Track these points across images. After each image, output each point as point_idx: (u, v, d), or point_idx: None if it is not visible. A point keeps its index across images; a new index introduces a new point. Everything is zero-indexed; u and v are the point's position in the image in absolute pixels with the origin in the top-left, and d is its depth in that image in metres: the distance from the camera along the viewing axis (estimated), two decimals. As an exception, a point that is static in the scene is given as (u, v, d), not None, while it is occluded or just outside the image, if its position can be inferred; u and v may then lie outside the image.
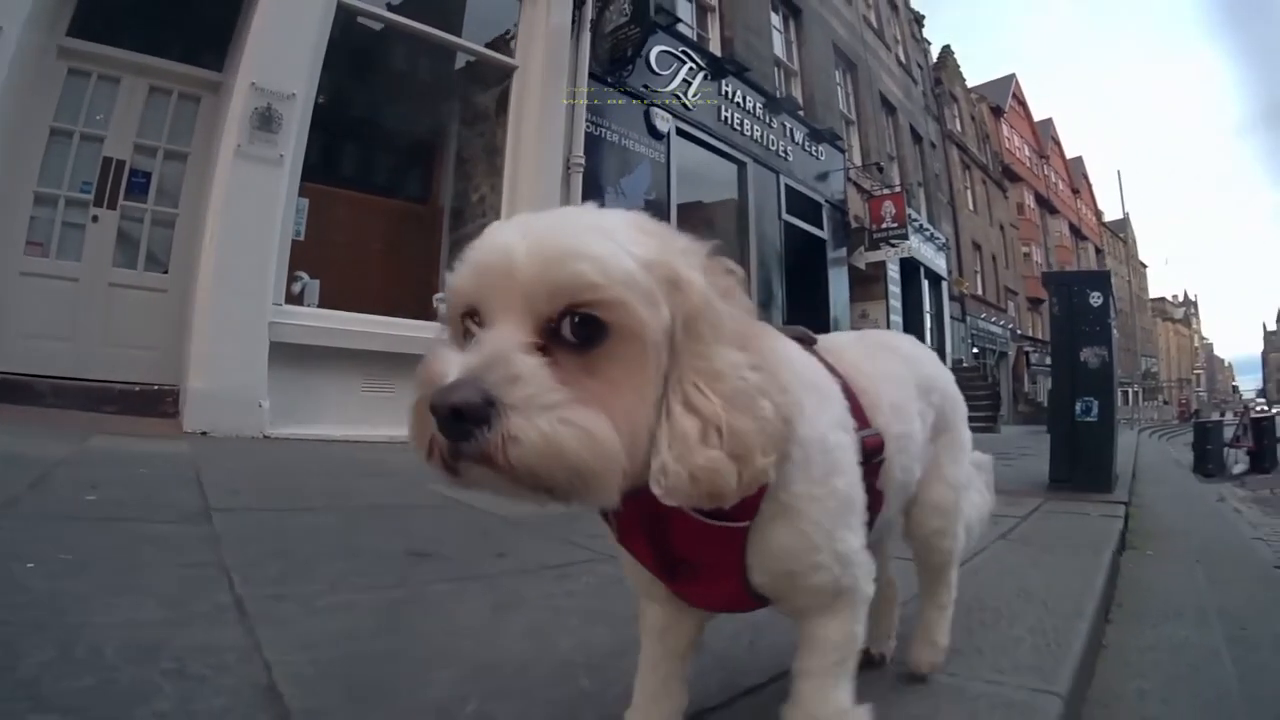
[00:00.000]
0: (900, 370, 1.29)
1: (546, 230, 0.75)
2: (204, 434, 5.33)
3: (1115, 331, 5.65)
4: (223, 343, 5.60)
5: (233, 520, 2.68)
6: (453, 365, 0.69)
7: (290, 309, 6.17)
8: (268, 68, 5.96)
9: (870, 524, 1.09)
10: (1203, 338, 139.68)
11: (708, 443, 0.73)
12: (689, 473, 0.73)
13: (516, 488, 0.70)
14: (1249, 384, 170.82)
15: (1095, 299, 5.38)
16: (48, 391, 5.50)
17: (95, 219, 6.16)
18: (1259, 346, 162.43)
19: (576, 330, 0.71)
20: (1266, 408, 64.12)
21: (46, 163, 5.90)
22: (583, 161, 8.14)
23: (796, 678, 0.97)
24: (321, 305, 6.51)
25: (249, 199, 5.82)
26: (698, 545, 0.90)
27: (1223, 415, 21.66)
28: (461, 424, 0.66)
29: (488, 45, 8.25)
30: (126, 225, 6.34)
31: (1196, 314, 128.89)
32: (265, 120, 5.85)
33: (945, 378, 1.46)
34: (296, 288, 6.41)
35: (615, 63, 8.85)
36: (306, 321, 6.12)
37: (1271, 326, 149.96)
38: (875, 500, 1.09)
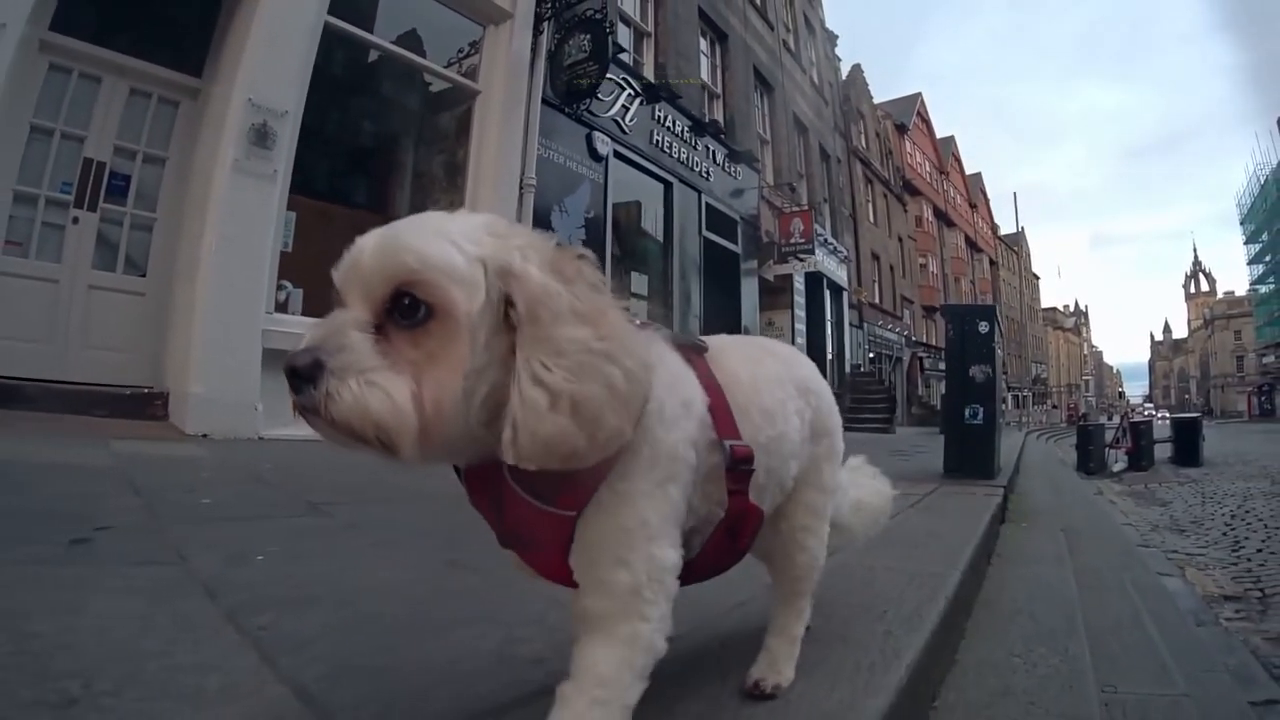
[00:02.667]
0: (778, 371, 1.35)
1: (391, 232, 0.86)
2: (204, 436, 5.54)
3: (999, 351, 6.66)
4: (220, 349, 5.80)
5: (349, 512, 3.06)
6: (306, 337, 0.82)
7: (279, 317, 6.37)
8: (263, 85, 6.17)
9: (746, 537, 1.21)
10: (1092, 346, 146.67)
11: (557, 410, 0.81)
12: (541, 439, 0.81)
13: (338, 436, 0.81)
14: (1136, 390, 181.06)
15: (983, 327, 6.39)
16: (37, 395, 5.55)
17: (75, 220, 6.17)
18: (1147, 355, 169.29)
19: (405, 311, 0.82)
20: (1155, 412, 68.47)
21: (26, 160, 5.87)
22: (534, 182, 8.65)
23: (557, 704, 0.92)
24: (305, 313, 6.68)
25: (245, 212, 6.04)
26: (526, 524, 0.97)
27: (1109, 419, 23.05)
28: (298, 381, 0.80)
29: (446, 66, 8.59)
30: (105, 228, 6.35)
31: (1087, 323, 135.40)
32: (261, 136, 6.08)
33: (822, 385, 1.51)
34: (282, 296, 6.62)
35: (571, 94, 9.32)
36: (294, 329, 5.84)
37: (1159, 337, 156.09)
38: (750, 512, 1.18)
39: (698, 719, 1.21)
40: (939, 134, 48.10)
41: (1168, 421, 17.60)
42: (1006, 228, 64.74)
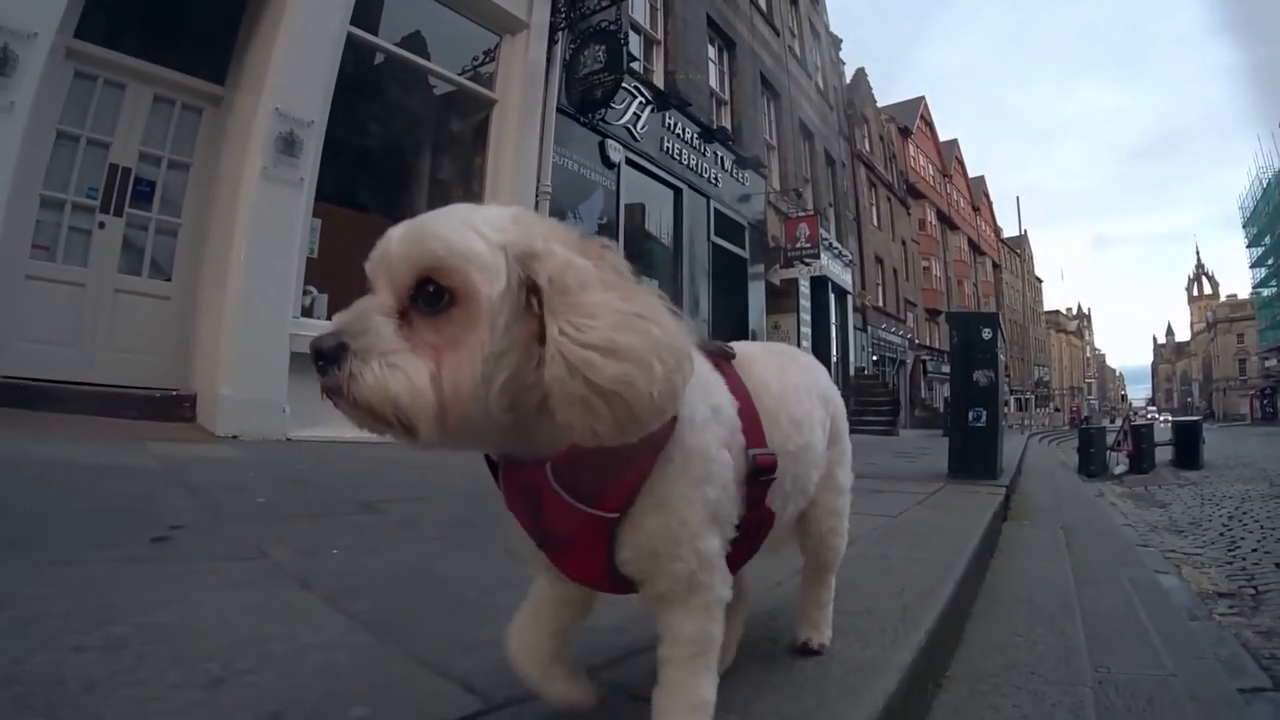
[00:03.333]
0: (804, 381, 1.40)
1: (418, 221, 0.88)
2: (234, 437, 5.65)
3: (1001, 356, 6.85)
4: (249, 353, 5.92)
5: (401, 509, 3.20)
6: (332, 322, 0.84)
7: (305, 321, 6.47)
8: (289, 95, 6.30)
9: (761, 539, 1.25)
10: (1095, 349, 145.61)
11: (612, 361, 0.80)
12: (605, 387, 0.80)
13: (360, 416, 0.83)
14: (1139, 393, 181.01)
15: (986, 333, 6.59)
16: (68, 397, 5.62)
17: (102, 225, 6.25)
18: (1149, 358, 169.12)
19: (429, 297, 0.83)
20: (1157, 415, 68.25)
21: (52, 166, 5.93)
22: (550, 190, 8.85)
23: (661, 665, 1.05)
24: (329, 318, 6.57)
25: (273, 219, 6.17)
26: (566, 524, 0.99)
27: (1112, 421, 23.10)
28: (322, 363, 0.82)
29: (461, 73, 8.75)
30: (131, 233, 6.43)
31: (1089, 326, 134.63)
32: (288, 145, 6.22)
33: (836, 393, 1.59)
34: (307, 301, 6.74)
35: (587, 104, 9.54)
36: (319, 333, 6.17)
37: (1161, 340, 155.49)
38: (766, 518, 1.22)
39: (760, 671, 1.43)
40: (942, 137, 48.30)
41: (1169, 424, 17.69)
42: (1009, 230, 65.18)
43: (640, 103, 11.03)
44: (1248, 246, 64.23)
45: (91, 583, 1.82)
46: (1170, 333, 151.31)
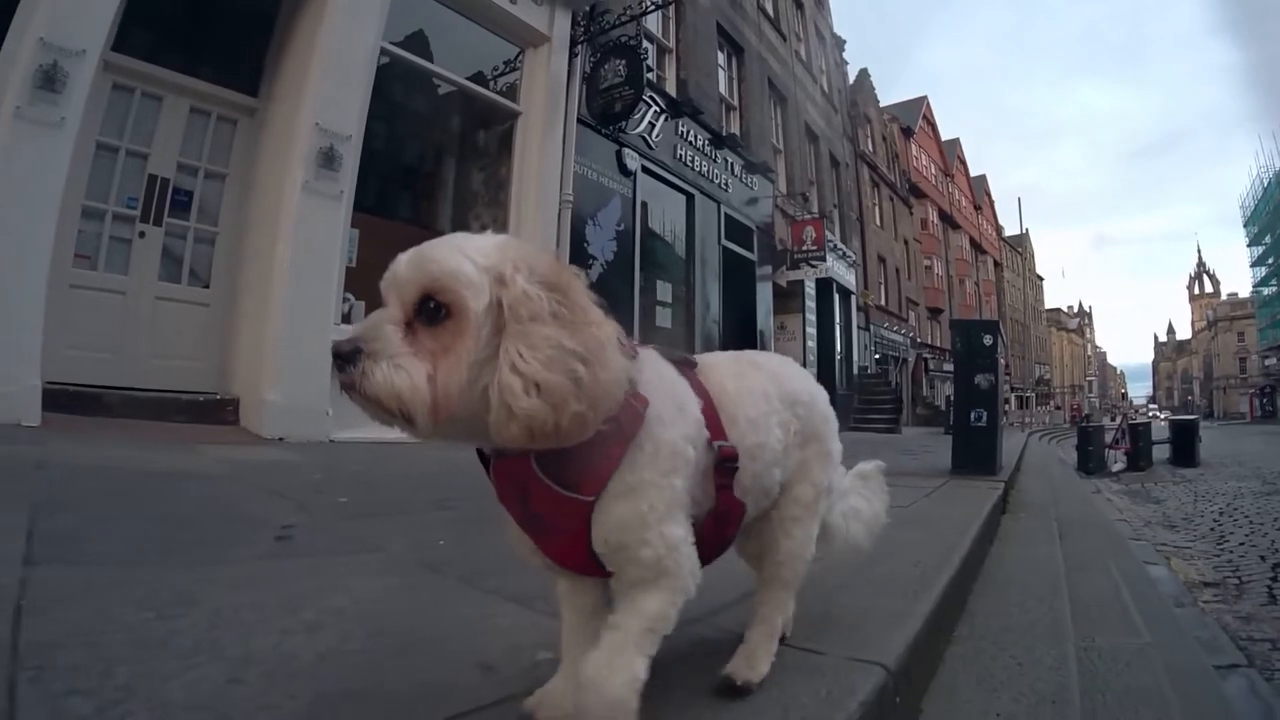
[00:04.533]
0: (764, 386, 1.45)
1: (420, 249, 1.02)
2: (281, 440, 5.92)
3: (1001, 361, 7.17)
4: (294, 359, 6.11)
5: (471, 506, 3.28)
6: (350, 330, 0.99)
7: (345, 328, 6.27)
8: (328, 110, 6.55)
9: (732, 529, 1.37)
10: (1096, 347, 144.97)
11: (529, 394, 0.95)
12: (518, 417, 0.96)
13: (369, 407, 0.98)
14: (1140, 391, 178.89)
15: (987, 340, 6.95)
16: (117, 403, 5.81)
17: (142, 234, 6.41)
18: (1150, 356, 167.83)
19: (429, 312, 0.99)
20: (1159, 413, 67.96)
21: (93, 177, 6.06)
22: (572, 198, 9.19)
23: (605, 630, 1.12)
24: None
25: (314, 230, 6.43)
26: (550, 508, 1.11)
27: (1112, 419, 23.04)
28: (340, 361, 0.97)
29: (488, 87, 9.06)
30: (170, 241, 6.61)
31: (1091, 324, 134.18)
32: (328, 159, 6.49)
33: (813, 393, 1.61)
34: (346, 308, 6.90)
35: (607, 117, 9.83)
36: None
37: (1162, 338, 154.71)
38: (735, 507, 1.33)
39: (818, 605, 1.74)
40: (944, 136, 48.29)
41: (1167, 423, 17.88)
42: (1011, 229, 65.31)
43: (655, 111, 11.33)
44: (1248, 245, 64.24)
45: (255, 578, 2.09)
46: (1171, 331, 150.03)
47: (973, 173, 56.62)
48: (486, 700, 1.31)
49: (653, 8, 10.48)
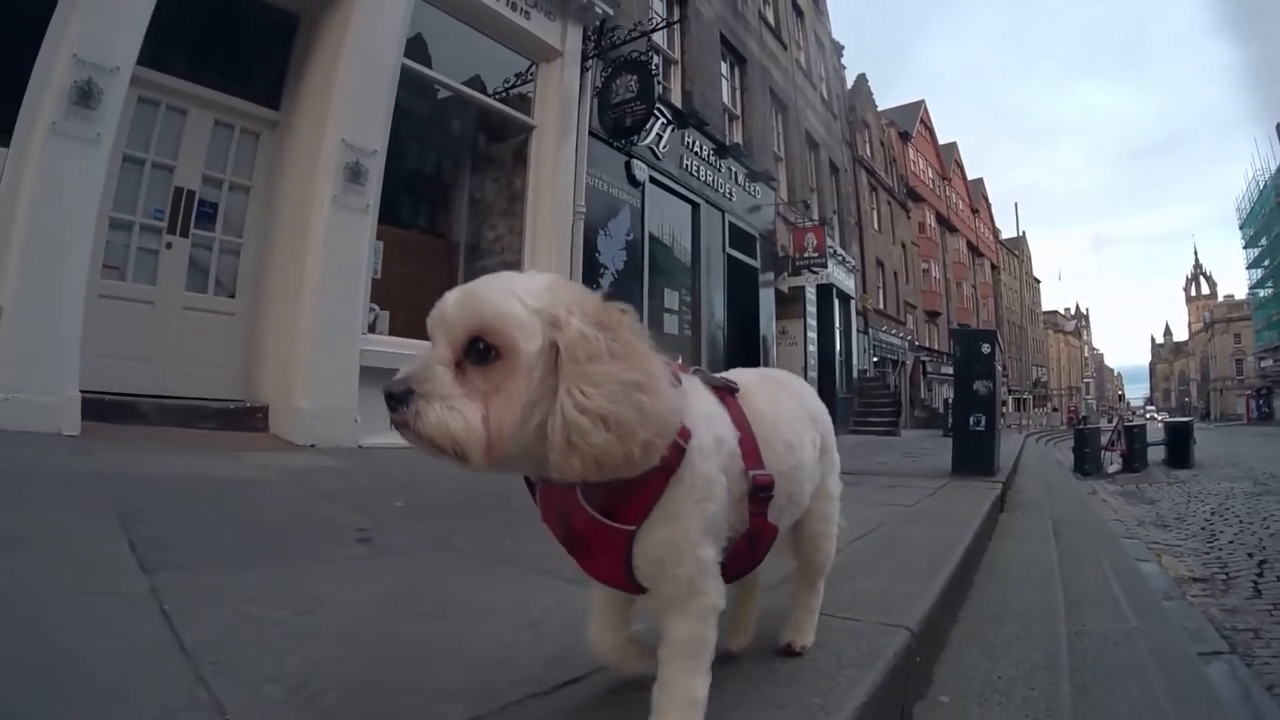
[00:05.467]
0: (794, 408, 1.53)
1: (470, 289, 1.04)
2: (312, 446, 6.07)
3: (999, 367, 7.47)
4: (325, 368, 6.35)
5: (517, 507, 3.56)
6: (403, 369, 1.01)
7: (371, 337, 6.94)
8: (354, 126, 6.72)
9: (763, 550, 1.40)
10: (1093, 348, 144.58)
11: (598, 429, 0.97)
12: (592, 454, 0.98)
13: (422, 445, 0.99)
14: (1137, 392, 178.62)
15: (985, 348, 7.23)
16: (150, 411, 5.90)
17: (169, 245, 6.53)
18: (1148, 357, 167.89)
19: (479, 353, 1.00)
20: (1156, 414, 67.87)
21: (120, 189, 6.09)
22: (584, 210, 9.44)
23: (660, 664, 1.19)
24: (391, 334, 7.32)
25: (343, 244, 6.61)
26: (593, 534, 1.15)
27: (1109, 421, 22.96)
28: (393, 402, 0.98)
29: (493, 95, 9.26)
30: (196, 252, 6.74)
31: (1088, 326, 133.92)
32: (355, 174, 6.67)
33: (822, 407, 1.70)
34: (371, 318, 7.15)
35: (619, 131, 10.08)
36: (383, 347, 6.73)
37: (1159, 339, 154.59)
38: (767, 530, 1.37)
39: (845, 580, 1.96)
40: (941, 138, 48.61)
41: (1163, 424, 18.08)
42: (1008, 232, 65.24)
43: (662, 123, 11.51)
44: (1244, 247, 64.48)
45: (360, 576, 2.32)
46: (1168, 332, 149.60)
47: (971, 175, 56.93)
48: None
49: (663, 25, 10.73)
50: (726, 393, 1.36)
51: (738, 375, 1.47)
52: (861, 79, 31.98)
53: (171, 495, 3.51)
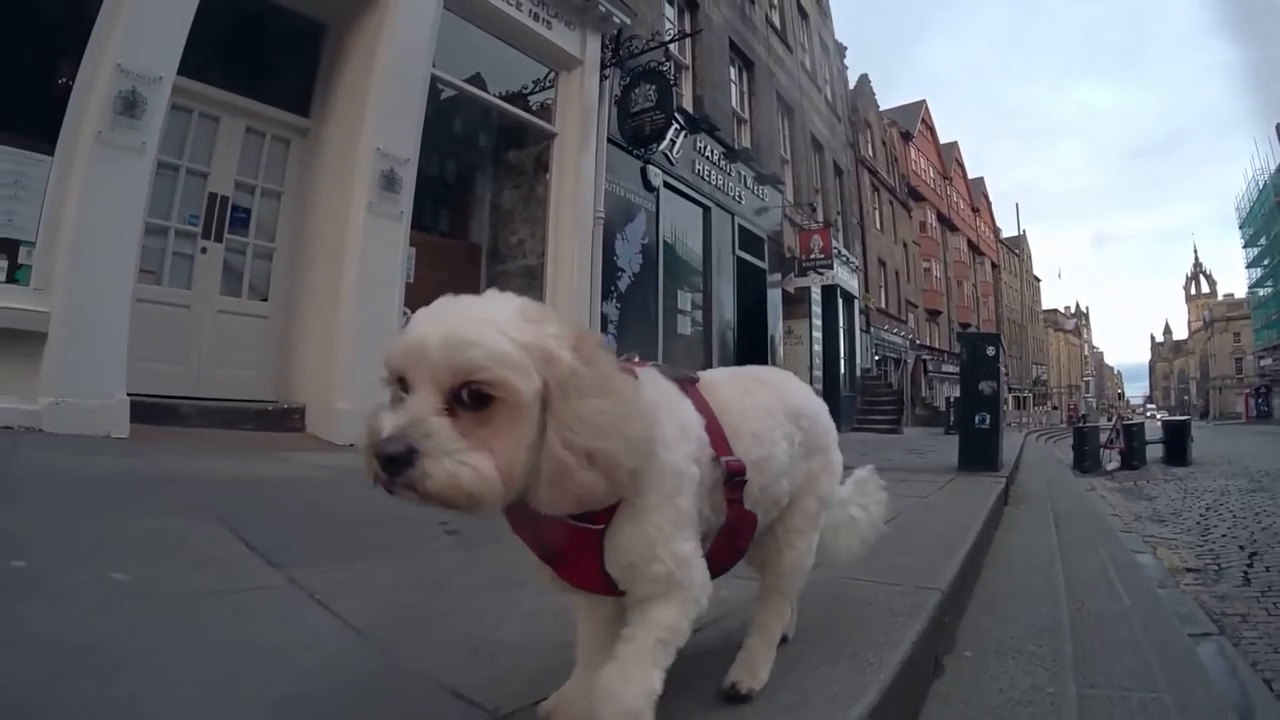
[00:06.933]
0: (768, 401, 1.47)
1: (450, 323, 0.96)
2: (351, 446, 6.00)
3: (1003, 369, 7.80)
4: (363, 370, 5.80)
5: None
6: (387, 423, 0.93)
7: None
8: (388, 135, 6.93)
9: (744, 541, 1.40)
10: (1093, 347, 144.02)
11: (582, 468, 0.97)
12: (572, 493, 0.99)
13: (430, 505, 0.94)
14: (1137, 391, 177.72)
15: (990, 351, 7.61)
16: (191, 413, 6.04)
17: (204, 250, 6.68)
18: (1147, 356, 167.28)
19: (475, 397, 0.94)
20: (1155, 413, 67.53)
21: (155, 195, 5.98)
22: (603, 215, 9.74)
23: (620, 642, 1.13)
24: None
25: (378, 250, 6.81)
26: (563, 540, 1.14)
27: (1109, 419, 23.06)
28: (394, 465, 0.91)
29: (512, 100, 9.53)
30: (230, 256, 6.91)
31: (1087, 324, 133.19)
32: (389, 182, 6.89)
33: (816, 407, 1.64)
34: (403, 321, 7.22)
35: (638, 140, 10.37)
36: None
37: (1159, 338, 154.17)
38: (746, 519, 1.35)
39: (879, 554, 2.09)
40: (942, 137, 48.77)
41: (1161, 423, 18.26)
42: (1008, 230, 65.48)
43: (675, 129, 11.74)
44: (1244, 246, 64.38)
45: (463, 564, 2.53)
46: (1168, 331, 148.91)
47: (971, 175, 57.03)
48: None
49: (680, 36, 11.00)
50: (687, 383, 1.34)
51: (706, 374, 1.45)
52: (864, 79, 32.29)
53: (249, 496, 3.70)
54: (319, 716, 1.36)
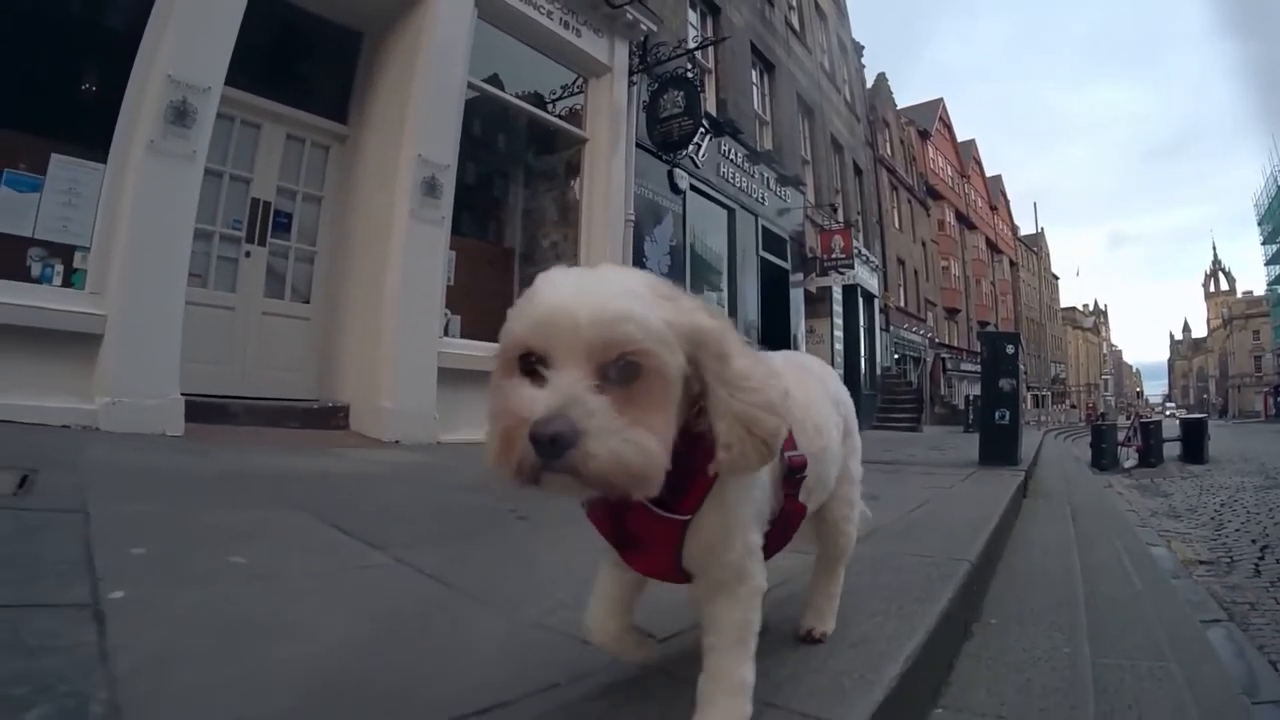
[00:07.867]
0: (820, 391, 1.52)
1: (596, 296, 0.93)
2: (397, 442, 6.44)
3: (1022, 367, 8.01)
4: (407, 369, 6.74)
5: None
6: (538, 402, 0.88)
7: (446, 340, 7.36)
8: (429, 142, 7.14)
9: (793, 530, 1.41)
10: (1112, 345, 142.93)
11: (771, 415, 1.01)
12: (763, 440, 1.00)
13: (590, 489, 0.92)
14: (1156, 389, 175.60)
15: (1010, 349, 7.79)
16: (240, 412, 6.21)
17: (248, 254, 6.89)
18: (1166, 354, 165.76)
19: (621, 371, 0.91)
20: (1175, 411, 67.08)
21: (201, 201, 5.96)
22: (634, 218, 10.03)
23: (706, 653, 1.16)
24: (463, 337, 7.71)
25: (421, 254, 7.02)
26: (646, 529, 1.14)
27: (1127, 418, 23.10)
28: (555, 447, 0.86)
29: (543, 106, 9.75)
30: (272, 260, 7.13)
31: (1106, 322, 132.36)
32: (431, 188, 7.11)
33: (845, 392, 1.69)
34: (444, 323, 7.53)
35: (667, 145, 10.65)
36: (457, 350, 7.26)
37: (1178, 336, 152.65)
38: (797, 510, 1.37)
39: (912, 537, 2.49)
40: (960, 136, 48.64)
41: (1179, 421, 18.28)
42: (1026, 229, 65.13)
43: (701, 132, 11.92)
44: (1262, 244, 63.76)
45: (546, 544, 2.67)
46: (1187, 329, 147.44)
47: (989, 173, 56.76)
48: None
49: (706, 43, 11.22)
50: None
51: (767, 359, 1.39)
52: (881, 78, 32.37)
53: (321, 489, 3.87)
54: (485, 666, 1.51)
